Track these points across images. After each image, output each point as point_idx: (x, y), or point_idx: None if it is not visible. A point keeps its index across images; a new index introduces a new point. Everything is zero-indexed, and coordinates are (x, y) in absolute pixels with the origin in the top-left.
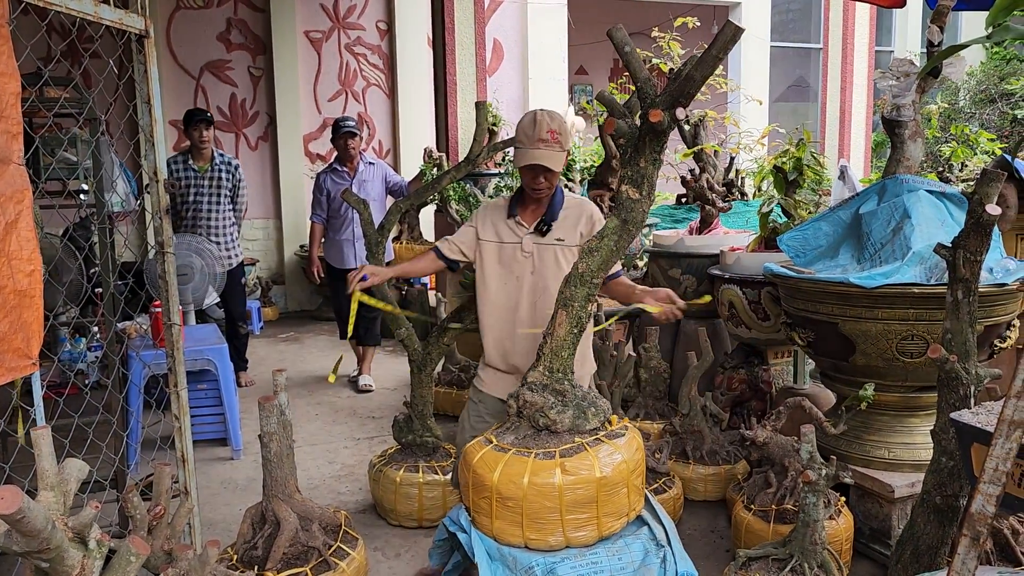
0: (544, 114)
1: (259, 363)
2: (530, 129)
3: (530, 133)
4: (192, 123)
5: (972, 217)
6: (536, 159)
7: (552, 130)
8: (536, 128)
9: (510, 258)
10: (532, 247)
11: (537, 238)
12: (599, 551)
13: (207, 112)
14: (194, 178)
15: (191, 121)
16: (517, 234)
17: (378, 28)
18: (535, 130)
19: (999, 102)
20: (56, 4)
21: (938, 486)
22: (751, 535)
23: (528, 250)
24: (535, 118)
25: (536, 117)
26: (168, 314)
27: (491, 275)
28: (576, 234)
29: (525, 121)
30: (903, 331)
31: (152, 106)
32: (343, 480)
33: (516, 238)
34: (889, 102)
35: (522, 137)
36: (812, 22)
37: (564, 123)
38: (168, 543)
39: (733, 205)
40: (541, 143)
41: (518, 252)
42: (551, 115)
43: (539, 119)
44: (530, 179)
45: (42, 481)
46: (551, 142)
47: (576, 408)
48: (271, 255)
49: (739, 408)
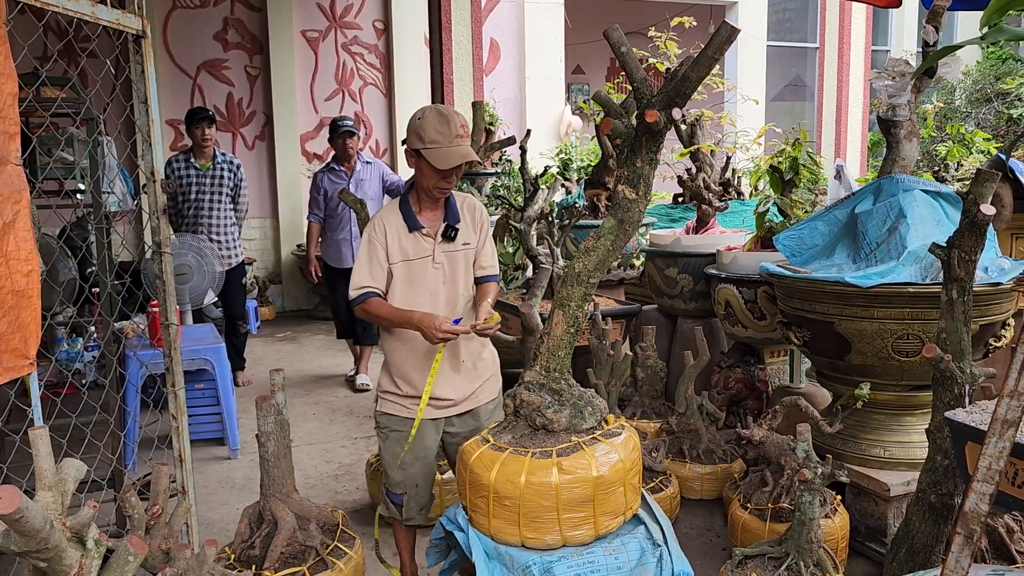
0: (447, 110)
1: (256, 362)
2: (443, 127)
3: (445, 131)
4: (194, 122)
5: (967, 217)
6: (464, 156)
7: (463, 123)
8: (450, 124)
9: (420, 274)
10: (442, 257)
11: (446, 246)
12: (596, 550)
13: (209, 111)
14: (196, 176)
15: (193, 120)
16: (424, 246)
17: (375, 27)
18: (450, 127)
19: (995, 101)
20: (53, 4)
21: (933, 484)
22: (747, 534)
23: (439, 260)
24: (442, 114)
25: (443, 113)
26: (165, 314)
27: (401, 297)
28: (475, 234)
29: (432, 119)
30: (899, 330)
31: (149, 106)
32: (341, 479)
33: (425, 251)
34: (885, 102)
35: (436, 137)
36: (809, 22)
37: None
38: (166, 543)
39: (729, 204)
40: (459, 139)
41: (429, 265)
42: (452, 110)
43: (447, 115)
44: (442, 179)
45: (40, 481)
46: (465, 136)
47: (573, 407)
48: (268, 254)
49: (735, 407)
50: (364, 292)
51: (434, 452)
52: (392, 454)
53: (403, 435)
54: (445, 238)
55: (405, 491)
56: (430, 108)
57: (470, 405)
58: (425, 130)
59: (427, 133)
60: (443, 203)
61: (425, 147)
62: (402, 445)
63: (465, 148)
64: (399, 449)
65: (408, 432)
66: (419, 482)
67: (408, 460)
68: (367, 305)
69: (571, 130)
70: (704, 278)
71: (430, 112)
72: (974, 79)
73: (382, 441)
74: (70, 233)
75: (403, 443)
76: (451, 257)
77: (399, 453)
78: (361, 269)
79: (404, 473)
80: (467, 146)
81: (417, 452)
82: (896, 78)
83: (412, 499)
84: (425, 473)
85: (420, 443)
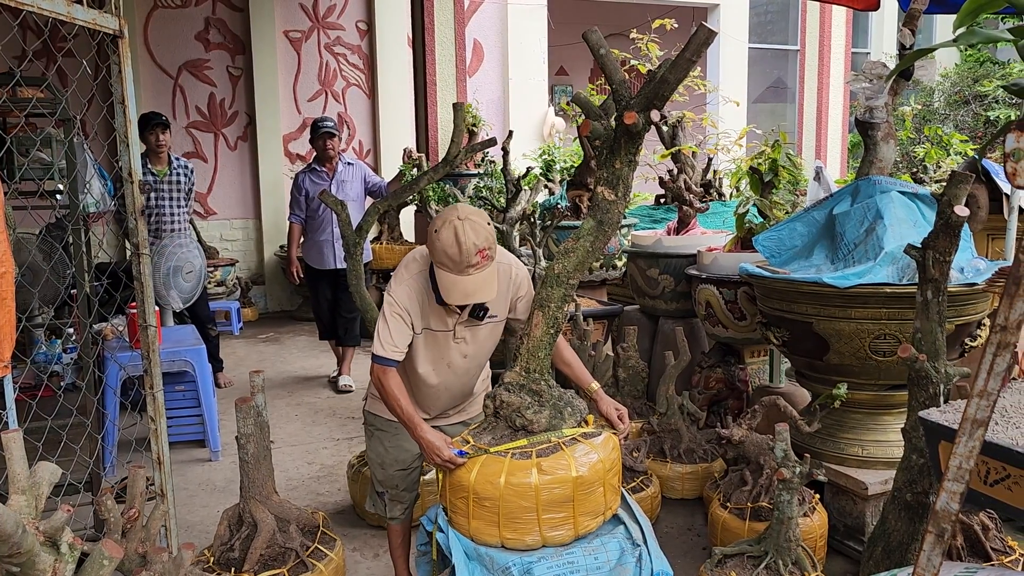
0: (466, 228)
1: (238, 363)
2: (455, 253)
3: (457, 259)
4: (149, 127)
5: (941, 218)
6: (470, 295)
7: (481, 249)
8: (463, 252)
9: (442, 344)
10: (465, 333)
11: (471, 323)
12: (575, 550)
13: (163, 116)
14: (154, 182)
15: (148, 125)
16: (447, 322)
17: (358, 28)
18: (462, 255)
19: (973, 104)
20: (28, 4)
21: (909, 483)
22: (727, 533)
23: (461, 336)
24: (457, 238)
25: (458, 237)
26: (144, 315)
27: (421, 360)
28: (506, 303)
29: (445, 240)
30: (875, 330)
31: (127, 106)
32: (322, 481)
33: (446, 326)
34: (862, 104)
35: (445, 261)
36: (789, 24)
37: (491, 232)
38: (142, 546)
39: (711, 206)
40: (471, 268)
41: (450, 339)
42: (474, 227)
43: (462, 239)
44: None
45: (13, 485)
46: (480, 264)
47: (553, 408)
48: (251, 255)
49: (716, 407)
50: (388, 359)
51: (417, 455)
52: (376, 452)
53: (387, 435)
54: (472, 316)
55: (386, 490)
56: (450, 224)
57: (460, 418)
58: (435, 249)
59: (436, 254)
60: None
61: (436, 263)
62: (385, 444)
63: (475, 282)
64: (382, 448)
65: (392, 432)
66: (399, 483)
67: (389, 460)
68: (386, 376)
69: (554, 131)
70: (685, 279)
71: (447, 230)
72: (952, 81)
73: (367, 438)
74: (47, 235)
75: (386, 442)
76: (474, 332)
77: (382, 452)
78: (385, 331)
79: (385, 473)
80: (478, 276)
81: (398, 453)
82: (873, 80)
83: (393, 498)
84: (405, 474)
85: (401, 445)
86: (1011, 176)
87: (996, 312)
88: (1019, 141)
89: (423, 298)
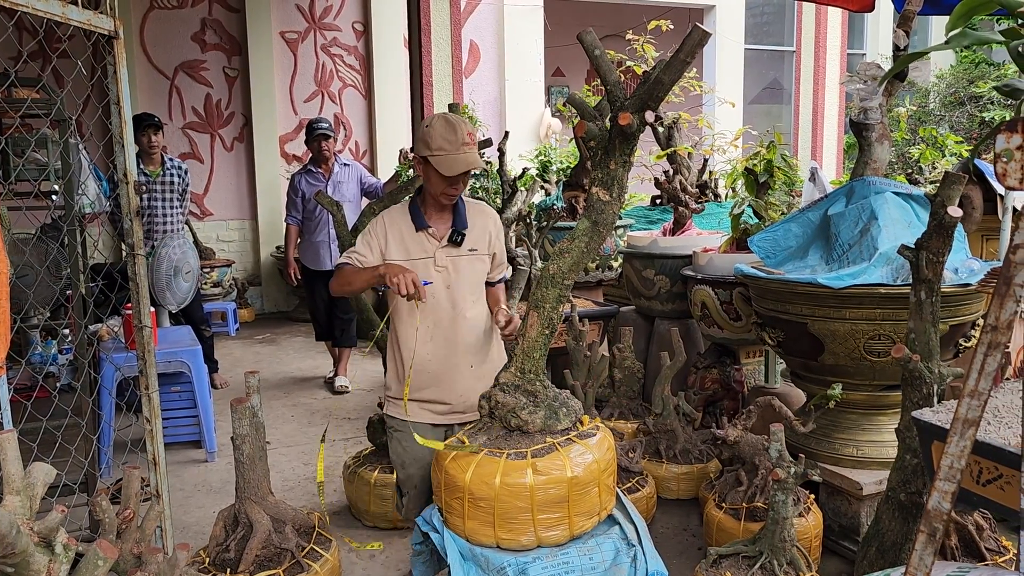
0: (454, 118)
1: (235, 364)
2: (450, 134)
3: (451, 138)
4: (141, 128)
5: (935, 219)
6: (469, 163)
7: (470, 132)
8: (457, 132)
9: (424, 274)
10: (446, 260)
11: (451, 250)
12: (571, 551)
13: (155, 117)
14: (146, 183)
15: (139, 126)
16: (427, 248)
17: (354, 29)
18: (456, 134)
19: (968, 105)
20: (23, 5)
21: (902, 483)
22: (722, 533)
23: (442, 264)
24: (449, 122)
25: (450, 121)
26: (139, 316)
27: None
28: (486, 241)
29: (439, 127)
30: (870, 331)
31: (122, 107)
32: None
33: (426, 252)
34: (857, 105)
35: (443, 144)
36: (785, 25)
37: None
38: (138, 546)
39: (706, 206)
40: (465, 146)
41: (431, 267)
42: (460, 118)
43: (454, 123)
44: (449, 185)
45: (8, 486)
46: (471, 143)
47: (548, 408)
48: (247, 256)
49: (712, 407)
50: (340, 263)
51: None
52: (396, 453)
53: (404, 435)
54: (451, 242)
55: (407, 491)
56: (438, 116)
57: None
58: (432, 137)
59: (434, 140)
60: (452, 209)
61: (432, 154)
62: (403, 444)
63: (471, 156)
64: (400, 448)
65: (407, 432)
66: (417, 484)
67: (408, 459)
68: (339, 273)
69: (551, 132)
70: (681, 279)
71: (437, 120)
72: (947, 82)
73: (388, 440)
74: (43, 235)
75: (404, 442)
76: (455, 262)
77: (400, 452)
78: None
79: (405, 472)
80: (474, 153)
81: (415, 454)
82: (868, 82)
83: (412, 499)
84: (423, 476)
85: (416, 445)
86: (1001, 177)
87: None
88: (1009, 142)
89: (400, 229)
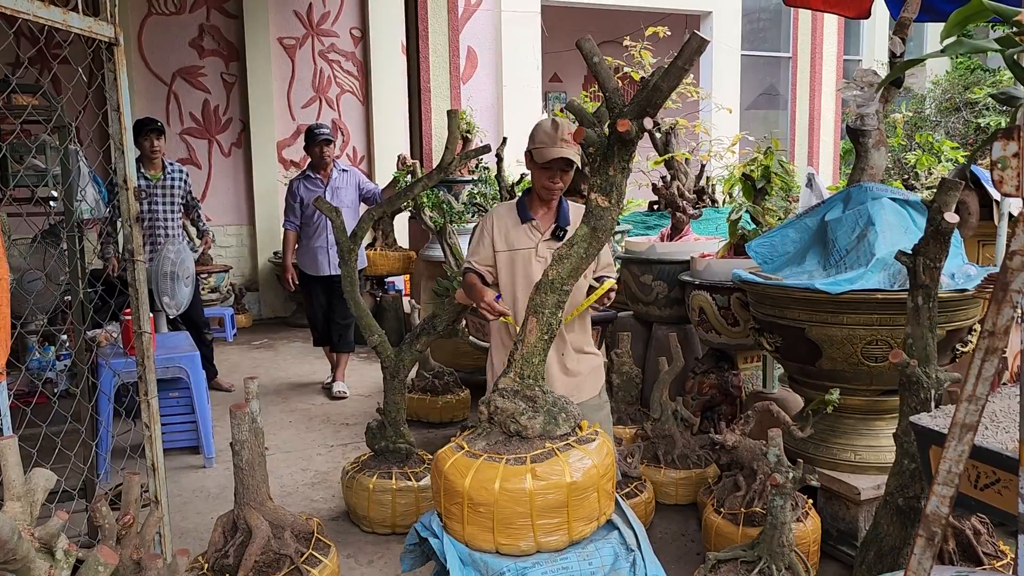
0: (562, 120)
1: (233, 370)
2: (551, 130)
3: (552, 134)
4: (143, 133)
5: (931, 225)
6: (563, 153)
7: (570, 131)
8: (557, 130)
9: (523, 265)
10: (547, 253)
11: (553, 244)
12: (570, 556)
13: (158, 121)
14: (147, 188)
15: (142, 131)
16: (531, 239)
17: (352, 35)
18: (556, 131)
19: (964, 111)
20: (23, 12)
21: (900, 488)
22: (721, 538)
23: (543, 255)
24: (554, 122)
25: (555, 121)
26: (138, 322)
27: (503, 286)
28: None
29: (544, 126)
30: (867, 336)
31: (122, 113)
32: (317, 487)
33: (530, 243)
34: (853, 111)
35: (543, 138)
36: (782, 32)
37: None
38: (137, 552)
39: (703, 212)
40: (563, 142)
41: (532, 258)
42: (564, 120)
43: (558, 122)
44: (548, 178)
45: (8, 491)
46: (570, 143)
47: (547, 414)
48: (245, 262)
49: (710, 412)
50: (464, 268)
51: None
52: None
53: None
54: (553, 236)
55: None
56: (546, 118)
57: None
58: (536, 133)
59: (537, 136)
60: (556, 208)
61: (534, 147)
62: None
63: (567, 151)
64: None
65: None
66: None
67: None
68: (464, 279)
69: None
70: (678, 285)
71: (545, 120)
72: (943, 89)
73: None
74: (42, 241)
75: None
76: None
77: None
78: (469, 250)
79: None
80: (569, 149)
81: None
82: (864, 88)
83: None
84: None
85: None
86: (998, 184)
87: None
88: (1005, 149)
89: (505, 222)
